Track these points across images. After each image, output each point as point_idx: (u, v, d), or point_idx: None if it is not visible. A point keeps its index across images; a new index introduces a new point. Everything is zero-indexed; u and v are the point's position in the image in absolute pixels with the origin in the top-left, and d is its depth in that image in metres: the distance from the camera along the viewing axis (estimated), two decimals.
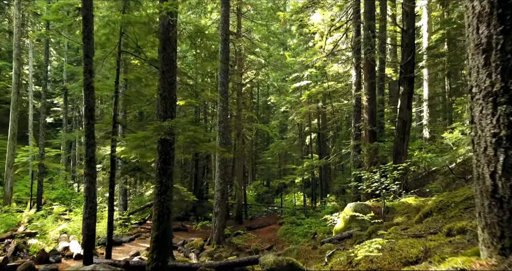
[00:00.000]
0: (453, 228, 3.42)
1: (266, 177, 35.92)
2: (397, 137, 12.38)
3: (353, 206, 8.60)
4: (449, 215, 4.98)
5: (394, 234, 4.68)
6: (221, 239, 14.17)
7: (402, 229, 4.99)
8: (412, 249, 3.31)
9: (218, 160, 14.34)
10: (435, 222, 4.89)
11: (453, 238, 3.24)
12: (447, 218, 4.88)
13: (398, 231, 4.94)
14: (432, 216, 5.43)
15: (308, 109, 22.86)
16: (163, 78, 6.98)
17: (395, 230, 5.11)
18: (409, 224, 6.05)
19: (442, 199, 5.60)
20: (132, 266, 8.17)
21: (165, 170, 6.85)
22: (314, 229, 15.95)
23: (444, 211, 5.32)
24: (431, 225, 4.70)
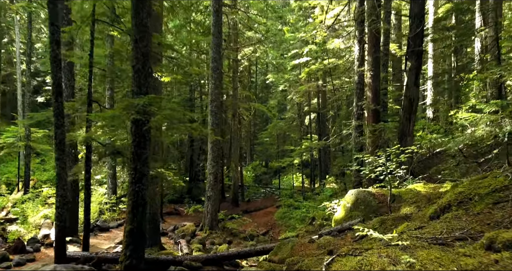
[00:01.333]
0: (496, 240, 2.54)
1: (265, 157, 35.17)
2: (403, 116, 11.43)
3: (355, 193, 7.75)
4: (474, 211, 4.10)
5: (407, 236, 3.80)
6: (214, 224, 13.45)
7: (416, 227, 4.12)
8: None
9: (211, 142, 13.44)
10: (457, 220, 4.01)
11: (499, 255, 2.37)
12: (472, 215, 4.00)
13: (412, 230, 4.07)
14: (451, 210, 4.56)
15: (307, 87, 21.79)
16: (136, 47, 5.97)
17: (407, 228, 4.24)
18: (423, 219, 5.18)
19: (462, 190, 4.71)
20: (108, 259, 7.39)
21: (140, 155, 5.94)
22: (312, 214, 15.23)
23: (466, 205, 4.44)
24: (453, 224, 3.82)
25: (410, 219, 5.68)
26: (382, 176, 7.87)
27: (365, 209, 7.37)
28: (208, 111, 13.59)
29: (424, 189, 7.32)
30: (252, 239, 13.42)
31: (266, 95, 42.14)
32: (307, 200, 18.86)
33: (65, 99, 11.21)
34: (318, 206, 15.89)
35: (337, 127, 22.22)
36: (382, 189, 7.83)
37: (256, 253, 7.24)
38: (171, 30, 23.12)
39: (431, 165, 14.15)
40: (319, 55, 21.00)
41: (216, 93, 13.41)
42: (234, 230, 14.24)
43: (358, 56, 12.47)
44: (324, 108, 22.88)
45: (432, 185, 7.62)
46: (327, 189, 17.04)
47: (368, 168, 8.76)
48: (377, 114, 11.70)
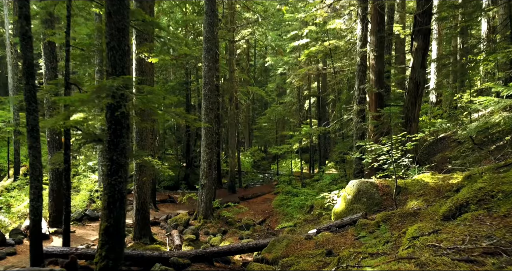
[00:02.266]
0: None
1: (263, 142, 34.58)
2: (408, 100, 10.74)
3: (357, 184, 7.14)
4: (499, 213, 3.47)
5: (421, 244, 3.18)
6: (208, 213, 12.92)
7: (431, 231, 3.49)
8: None
9: (204, 128, 12.76)
10: (479, 224, 3.38)
11: None
12: (497, 218, 3.37)
13: (426, 235, 3.44)
14: (469, 210, 3.93)
15: (307, 70, 20.97)
16: (109, 22, 5.23)
17: (419, 232, 3.61)
18: (434, 217, 4.56)
19: (482, 186, 4.07)
20: (89, 255, 6.83)
21: (116, 144, 5.28)
22: (310, 201, 14.70)
23: (488, 204, 3.81)
24: (476, 229, 3.19)
25: (419, 215, 5.07)
26: (385, 165, 7.25)
27: (367, 201, 6.77)
28: (202, 95, 12.86)
29: (432, 180, 6.70)
30: (248, 229, 12.91)
31: (265, 78, 41.26)
32: (305, 187, 18.34)
33: (46, 82, 10.56)
34: (317, 193, 15.37)
35: (338, 112, 21.54)
36: (386, 180, 7.21)
37: (249, 249, 6.68)
38: (165, 10, 22.16)
39: (435, 152, 13.53)
40: (319, 37, 20.10)
41: (210, 76, 12.65)
42: (230, 218, 13.73)
43: (360, 36, 11.67)
44: (324, 92, 22.10)
45: (441, 175, 6.99)
46: (326, 175, 16.48)
47: (371, 156, 8.13)
48: (381, 98, 11.00)
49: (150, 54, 9.18)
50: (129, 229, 10.56)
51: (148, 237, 10.01)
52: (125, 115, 5.38)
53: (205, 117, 12.70)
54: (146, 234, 9.97)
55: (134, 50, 9.67)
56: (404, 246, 3.49)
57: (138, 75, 9.72)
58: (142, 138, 9.74)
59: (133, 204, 9.99)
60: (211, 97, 12.75)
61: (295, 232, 11.70)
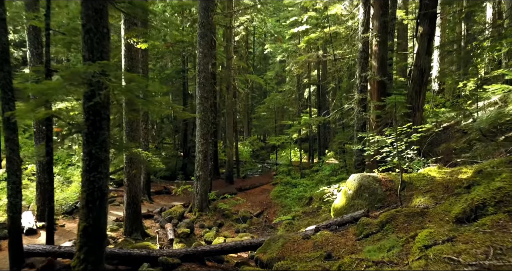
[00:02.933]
0: None
1: (262, 132, 34.09)
2: (412, 89, 10.23)
3: (358, 179, 6.68)
4: None
5: (435, 256, 2.73)
6: (204, 205, 12.52)
7: (445, 238, 3.04)
8: None
9: (199, 117, 12.27)
10: (502, 231, 2.93)
11: None
12: None
13: (440, 244, 2.99)
14: (487, 213, 3.48)
15: (307, 58, 20.34)
16: (85, 2, 4.69)
17: (432, 239, 3.16)
18: (444, 218, 4.12)
19: (502, 185, 3.61)
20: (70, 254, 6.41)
21: (95, 136, 4.80)
22: (309, 193, 14.31)
23: (509, 207, 3.36)
24: (499, 238, 2.74)
25: (427, 215, 4.62)
26: (388, 157, 6.79)
27: (369, 197, 6.33)
28: (196, 83, 12.33)
29: (439, 174, 6.24)
30: (244, 221, 12.54)
31: (264, 66, 40.56)
32: (304, 177, 17.95)
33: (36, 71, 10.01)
34: (316, 184, 14.97)
35: (338, 101, 20.99)
36: (389, 174, 6.75)
37: (243, 248, 6.28)
38: None
39: (438, 142, 13.04)
40: (319, 23, 19.43)
41: (205, 63, 12.09)
42: (226, 211, 13.34)
43: (363, 20, 11.09)
44: (324, 80, 21.52)
45: (448, 169, 6.53)
46: (325, 166, 16.05)
47: (373, 148, 7.67)
48: (383, 87, 10.49)
49: (139, 40, 8.65)
50: (121, 223, 10.18)
51: (140, 231, 9.63)
52: (105, 105, 4.88)
53: (200, 107, 12.19)
54: (138, 229, 9.58)
55: (123, 36, 9.12)
56: (414, 256, 3.05)
57: (127, 62, 9.18)
58: (132, 128, 9.26)
59: (124, 197, 9.57)
60: (206, 86, 12.22)
61: (293, 225, 11.33)
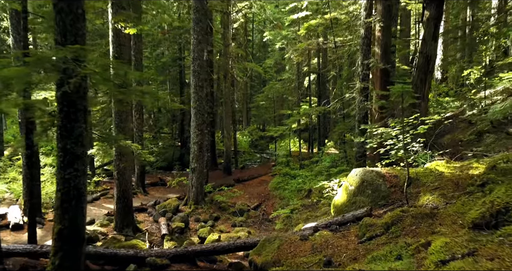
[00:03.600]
0: None
1: (261, 121, 33.54)
2: (417, 77, 9.73)
3: (360, 174, 6.23)
4: None
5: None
6: (199, 198, 12.13)
7: (465, 252, 2.59)
8: None
9: (194, 107, 11.78)
10: None
11: None
12: None
13: (459, 259, 2.55)
14: (510, 219, 3.02)
15: (307, 45, 19.69)
16: None
17: (449, 251, 2.71)
18: (457, 221, 3.68)
19: None
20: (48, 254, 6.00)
21: (70, 130, 4.33)
22: (308, 185, 13.89)
23: None
24: None
25: (438, 217, 4.18)
26: (393, 150, 6.33)
27: (372, 194, 5.89)
28: (191, 71, 11.79)
29: (448, 170, 5.79)
30: (241, 215, 12.16)
31: (264, 54, 39.84)
32: (304, 168, 17.55)
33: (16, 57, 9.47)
34: (315, 176, 14.55)
35: (338, 90, 20.43)
36: (394, 169, 6.30)
37: (236, 249, 5.87)
38: None
39: (442, 133, 12.55)
40: (320, 8, 18.77)
41: (199, 50, 11.54)
42: (223, 203, 12.95)
43: (365, 4, 10.49)
44: (324, 68, 20.93)
45: (458, 163, 6.07)
46: (325, 157, 15.61)
47: (376, 140, 7.20)
48: (387, 75, 9.96)
49: (127, 25, 8.10)
50: (112, 218, 9.78)
51: (132, 226, 9.23)
52: (81, 95, 4.40)
53: (195, 96, 11.69)
54: (129, 224, 9.17)
55: (110, 20, 8.57)
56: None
57: (115, 48, 8.64)
58: (121, 119, 8.76)
59: (114, 191, 9.14)
60: (201, 74, 11.69)
61: (292, 219, 10.94)
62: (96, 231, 8.76)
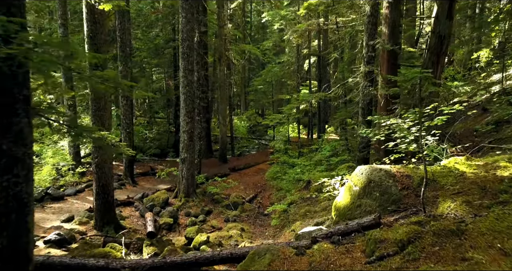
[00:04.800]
0: None
1: (259, 106, 32.55)
2: (428, 59, 8.75)
3: (367, 173, 5.37)
4: None
5: None
6: (190, 190, 11.33)
7: None
8: None
9: (183, 92, 10.85)
10: None
11: None
12: None
13: None
14: None
15: (306, 26, 18.55)
16: None
17: None
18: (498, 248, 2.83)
19: None
20: None
21: (6, 126, 3.44)
22: (307, 176, 13.07)
23: None
24: None
25: (467, 236, 3.33)
26: (403, 144, 5.46)
27: (380, 197, 5.04)
28: (179, 53, 10.80)
29: (469, 169, 4.92)
30: (235, 208, 11.39)
31: (263, 36, 38.52)
32: (303, 156, 16.75)
33: None
34: (315, 166, 13.73)
35: (340, 73, 19.41)
36: (406, 167, 5.42)
37: (221, 260, 5.06)
38: None
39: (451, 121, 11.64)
40: None
41: (188, 30, 10.52)
42: (216, 195, 12.18)
43: None
44: (325, 50, 19.83)
45: (480, 161, 5.19)
46: (325, 146, 14.75)
47: (384, 132, 6.33)
48: (394, 57, 8.99)
49: (101, 0, 7.10)
50: (92, 215, 8.98)
51: (113, 224, 8.46)
52: (19, 81, 3.49)
53: (184, 80, 10.74)
54: (110, 221, 8.40)
55: None
56: None
57: (90, 27, 7.66)
58: (99, 107, 7.86)
59: (93, 186, 8.32)
60: (191, 56, 10.70)
61: (289, 214, 10.16)
62: (73, 230, 7.97)
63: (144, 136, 23.65)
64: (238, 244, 7.77)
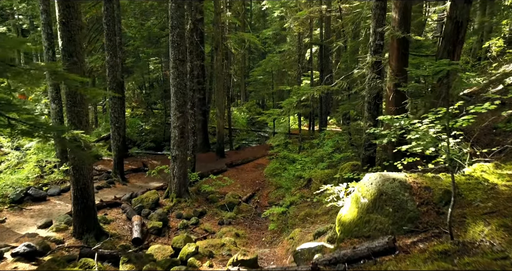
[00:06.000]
0: None
1: (260, 97, 31.58)
2: (443, 49, 7.87)
3: (377, 183, 4.55)
4: None
5: None
6: (182, 190, 10.57)
7: None
8: None
9: (173, 84, 9.99)
10: None
11: None
12: None
13: None
14: None
15: (308, 13, 17.57)
16: None
17: None
18: None
19: None
20: None
21: None
22: (308, 173, 12.27)
23: None
24: None
25: None
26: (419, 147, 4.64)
27: (394, 213, 4.24)
28: (169, 41, 9.91)
29: (502, 180, 4.11)
30: (231, 209, 10.64)
31: (263, 25, 37.44)
32: (304, 149, 15.97)
33: None
34: (316, 163, 12.92)
35: (343, 63, 18.45)
36: (424, 176, 4.59)
37: None
38: None
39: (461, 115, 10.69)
40: None
41: (179, 16, 9.60)
42: (211, 195, 11.43)
43: None
44: (328, 39, 18.84)
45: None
46: (327, 141, 13.91)
47: (393, 133, 5.51)
48: (405, 46, 8.08)
49: None
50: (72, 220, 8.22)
51: (95, 231, 7.71)
52: None
53: (174, 71, 9.88)
54: (91, 228, 7.64)
55: None
56: None
57: (62, 11, 6.78)
58: (75, 102, 7.02)
59: (70, 190, 7.54)
60: (182, 45, 9.81)
61: (287, 217, 9.39)
62: (49, 239, 7.23)
63: (140, 128, 22.86)
64: (231, 254, 7.02)
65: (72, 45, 6.91)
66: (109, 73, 12.02)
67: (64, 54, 6.90)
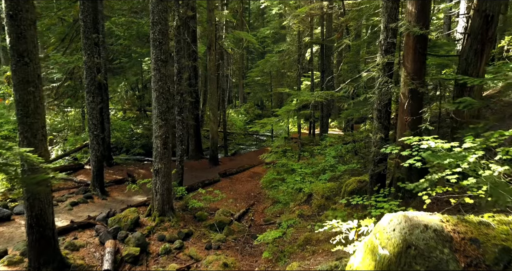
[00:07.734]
0: None
1: (258, 98, 30.36)
2: (468, 48, 6.67)
3: (402, 229, 3.33)
4: None
5: None
6: (166, 208, 9.35)
7: None
8: None
9: (155, 89, 8.79)
10: None
11: None
12: None
13: None
14: None
15: (308, 10, 16.36)
16: None
17: None
18: None
19: None
20: None
21: None
22: (308, 187, 11.03)
23: None
24: None
25: None
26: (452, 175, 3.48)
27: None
28: (150, 39, 8.69)
29: None
30: (221, 229, 9.42)
31: (262, 24, 36.29)
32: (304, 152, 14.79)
33: None
34: (317, 175, 11.71)
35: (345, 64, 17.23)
36: (467, 222, 3.35)
37: None
38: None
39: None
40: None
41: (160, 11, 8.40)
42: (199, 211, 10.21)
43: None
44: (329, 37, 17.62)
45: None
46: (330, 151, 12.68)
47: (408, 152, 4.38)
48: (423, 45, 6.86)
49: None
50: None
51: (55, 263, 6.51)
52: None
53: (156, 74, 8.68)
54: (50, 260, 6.43)
55: None
56: None
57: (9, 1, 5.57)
58: (27, 112, 5.81)
59: (24, 217, 6.32)
60: (164, 44, 8.60)
61: (284, 245, 8.15)
62: None
63: (131, 132, 21.65)
64: None
65: (23, 43, 5.71)
66: (87, 75, 10.81)
67: (13, 54, 5.70)
